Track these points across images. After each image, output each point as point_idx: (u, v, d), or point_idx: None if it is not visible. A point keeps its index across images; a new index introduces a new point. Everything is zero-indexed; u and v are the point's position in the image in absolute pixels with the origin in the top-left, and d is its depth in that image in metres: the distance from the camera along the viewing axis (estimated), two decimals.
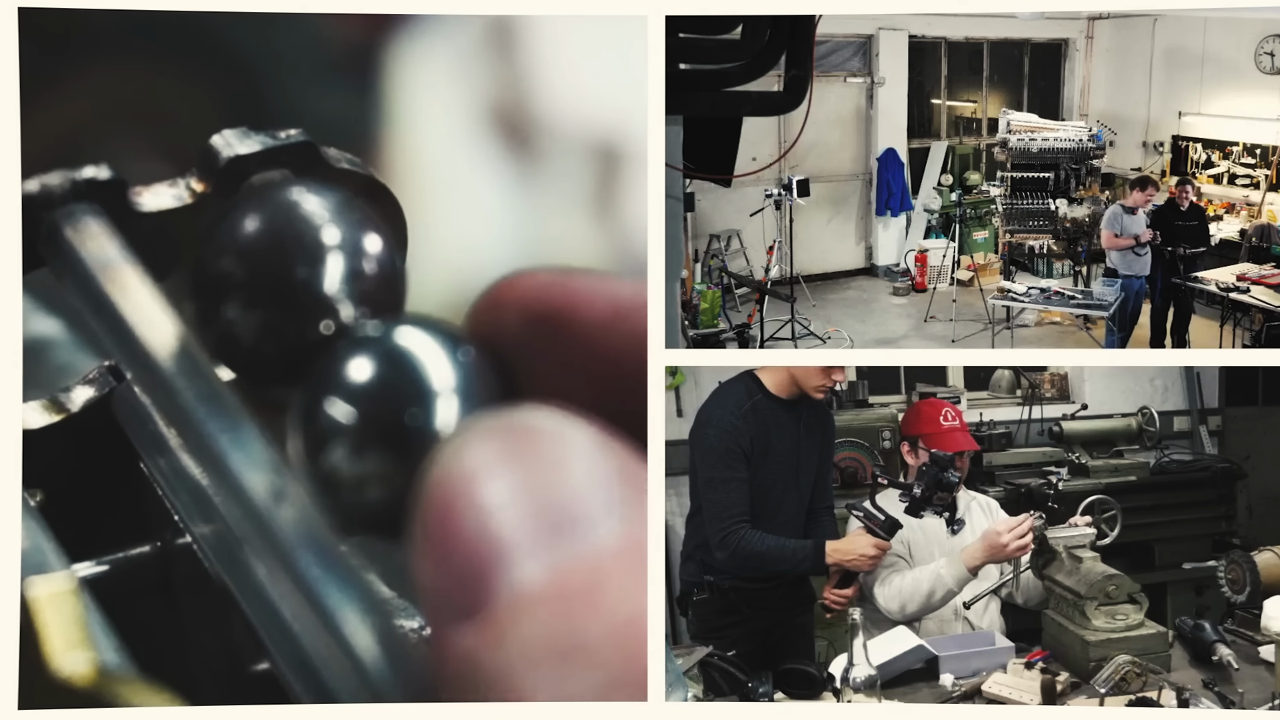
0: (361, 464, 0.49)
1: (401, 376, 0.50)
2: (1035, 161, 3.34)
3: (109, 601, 0.55)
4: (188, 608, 0.58)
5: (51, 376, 0.63)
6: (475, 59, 1.63)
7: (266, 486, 0.48)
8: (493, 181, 1.66)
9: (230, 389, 0.52)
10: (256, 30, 1.42)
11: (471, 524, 0.43)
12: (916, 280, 3.39)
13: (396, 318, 0.53)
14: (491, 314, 0.53)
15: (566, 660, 0.40)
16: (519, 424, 0.45)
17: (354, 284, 0.53)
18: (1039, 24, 3.61)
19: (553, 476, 0.43)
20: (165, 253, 0.57)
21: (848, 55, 3.59)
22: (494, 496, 0.43)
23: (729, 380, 1.74)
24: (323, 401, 0.50)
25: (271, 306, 0.53)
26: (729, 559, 1.67)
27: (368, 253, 0.54)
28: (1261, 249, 2.96)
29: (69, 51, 1.33)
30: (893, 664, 1.57)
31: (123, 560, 0.59)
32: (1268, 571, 1.67)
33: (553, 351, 0.51)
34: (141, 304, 0.53)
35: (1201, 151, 3.39)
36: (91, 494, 0.60)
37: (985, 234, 3.46)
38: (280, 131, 0.60)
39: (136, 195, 0.58)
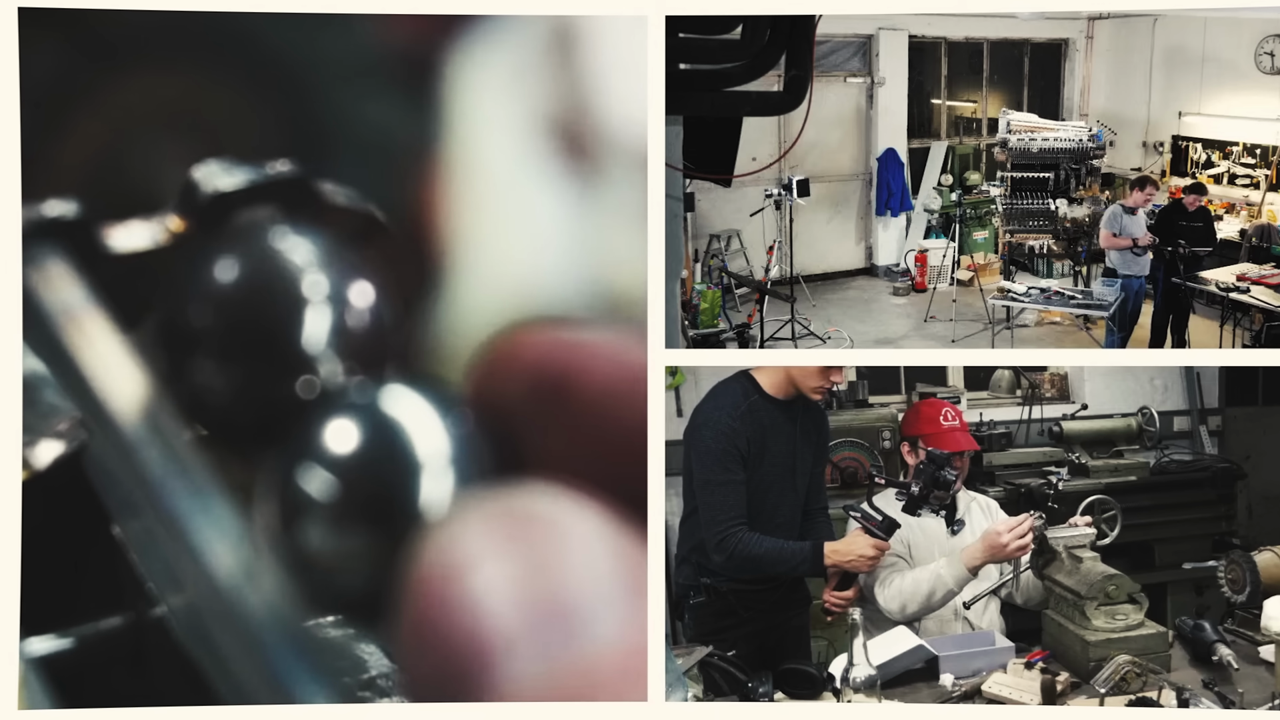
0: (338, 542, 0.45)
1: (386, 446, 0.45)
2: (1035, 161, 3.34)
3: (77, 675, 0.51)
4: (161, 683, 0.53)
5: (41, 420, 0.57)
6: (534, 69, 1.63)
7: (233, 562, 0.43)
8: (551, 194, 1.65)
9: (199, 452, 0.47)
10: (308, 38, 1.42)
11: (463, 619, 0.40)
12: (916, 280, 3.39)
13: (384, 377, 0.48)
14: (490, 380, 0.49)
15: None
16: (516, 509, 0.42)
17: (339, 339, 0.49)
18: (1039, 24, 3.61)
19: (549, 569, 0.40)
20: (139, 297, 0.52)
21: (848, 55, 3.58)
22: (488, 590, 0.40)
23: (724, 381, 1.73)
24: (297, 471, 0.45)
25: (246, 362, 0.49)
26: (726, 562, 1.66)
27: (355, 304, 0.50)
28: (1261, 249, 2.96)
29: (119, 58, 1.32)
30: (893, 664, 1.57)
31: (92, 632, 0.54)
32: (1268, 571, 1.67)
33: (556, 418, 0.48)
34: (106, 356, 0.49)
35: (1201, 151, 3.39)
36: (60, 558, 0.54)
37: (985, 234, 3.46)
38: (269, 164, 0.54)
39: (107, 235, 0.53)
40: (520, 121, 1.64)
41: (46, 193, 0.53)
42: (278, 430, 0.47)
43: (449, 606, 0.40)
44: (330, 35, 1.42)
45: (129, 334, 0.50)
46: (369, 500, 0.45)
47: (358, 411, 0.46)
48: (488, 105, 1.62)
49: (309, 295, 0.49)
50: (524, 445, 0.48)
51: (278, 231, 0.51)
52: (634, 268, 1.67)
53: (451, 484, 0.45)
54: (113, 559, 0.52)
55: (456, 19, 1.54)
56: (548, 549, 0.41)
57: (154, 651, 0.52)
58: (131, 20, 1.23)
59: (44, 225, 0.51)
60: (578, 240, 1.63)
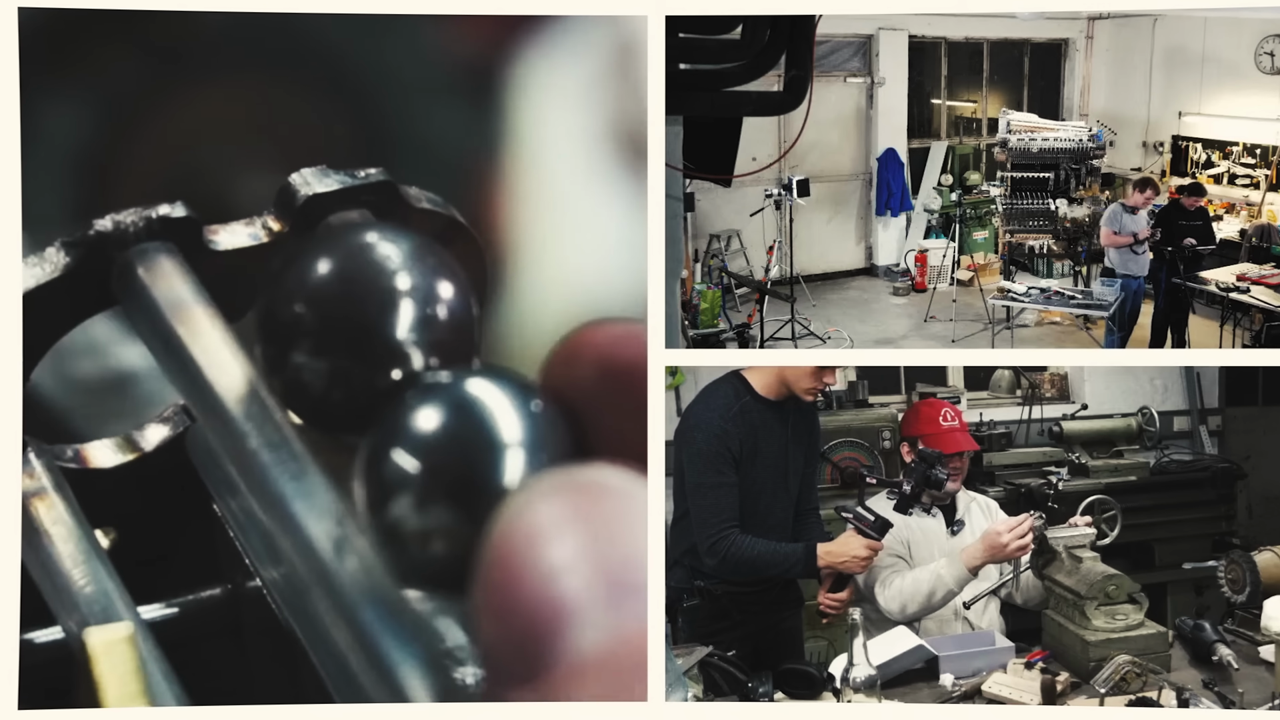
0: (426, 517, 0.48)
1: (470, 428, 0.49)
2: (1035, 161, 3.34)
3: (178, 644, 0.54)
4: (256, 652, 0.57)
5: (137, 408, 0.61)
6: (600, 80, 1.63)
7: (329, 536, 0.47)
8: (614, 204, 1.65)
9: (299, 435, 0.51)
10: (374, 46, 1.42)
11: (534, 586, 0.42)
12: (916, 280, 3.39)
13: (467, 367, 0.52)
14: (566, 366, 0.51)
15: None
16: (586, 482, 0.44)
17: (425, 332, 0.52)
18: (1039, 24, 3.61)
19: (619, 538, 0.42)
20: (240, 293, 0.56)
21: (848, 55, 3.59)
22: (558, 558, 0.42)
23: (715, 382, 1.71)
24: (388, 452, 0.49)
25: (341, 354, 0.52)
26: (719, 565, 1.64)
27: (441, 299, 0.53)
28: (1261, 249, 2.97)
29: (185, 65, 1.33)
30: (893, 664, 1.57)
31: (193, 602, 0.58)
32: (1268, 571, 1.67)
33: (626, 405, 0.50)
34: (211, 346, 0.53)
35: (1201, 151, 3.39)
36: (164, 534, 0.59)
37: (985, 234, 3.46)
38: (360, 170, 0.58)
39: (212, 234, 0.57)
40: (584, 128, 1.64)
41: (124, 199, 0.57)
42: (369, 417, 0.50)
43: (519, 574, 0.42)
44: (396, 43, 1.42)
45: (232, 327, 0.54)
46: (453, 480, 0.48)
47: (443, 398, 0.49)
48: (552, 112, 1.63)
49: (398, 291, 0.52)
50: (593, 430, 0.50)
51: (369, 231, 0.54)
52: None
53: (528, 465, 0.48)
54: (213, 534, 0.56)
55: (521, 26, 1.54)
56: (617, 516, 0.42)
57: (251, 621, 0.56)
58: (203, 30, 1.25)
59: (155, 225, 0.56)
60: (640, 247, 1.63)
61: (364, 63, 1.41)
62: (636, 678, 0.40)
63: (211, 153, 1.35)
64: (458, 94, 1.52)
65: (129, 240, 0.55)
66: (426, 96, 1.47)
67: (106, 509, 0.57)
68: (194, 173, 0.77)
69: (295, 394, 0.52)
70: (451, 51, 1.52)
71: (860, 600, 1.76)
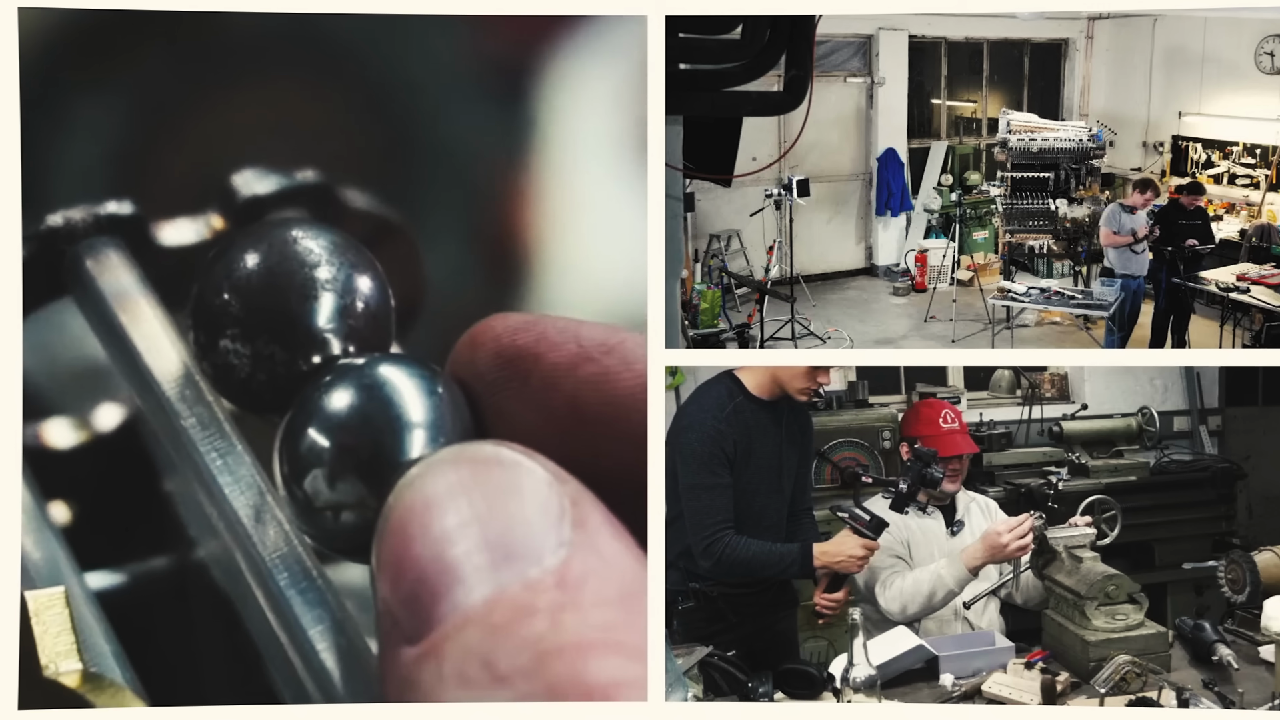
0: (337, 490, 0.52)
1: (377, 409, 0.52)
2: (1035, 161, 3.34)
3: (128, 608, 0.58)
4: (200, 617, 0.61)
5: (103, 390, 0.67)
6: (630, 81, 1.63)
7: (251, 507, 0.52)
8: (642, 206, 1.65)
9: (229, 415, 0.56)
10: (399, 44, 1.42)
11: (423, 551, 0.45)
12: (916, 280, 3.39)
13: (379, 355, 0.56)
14: (468, 353, 0.55)
15: (492, 685, 0.42)
16: (477, 455, 0.48)
17: (343, 320, 0.56)
18: (1039, 24, 3.61)
19: (505, 508, 0.45)
20: (185, 285, 0.59)
21: (848, 55, 3.58)
22: (447, 525, 0.45)
23: (707, 382, 1.69)
24: (304, 430, 0.52)
25: (263, 339, 0.55)
26: (714, 567, 1.63)
27: (359, 291, 0.57)
28: (1261, 249, 2.96)
29: (213, 63, 1.33)
30: (893, 664, 1.57)
31: (141, 571, 0.62)
32: (1268, 571, 1.67)
33: (522, 390, 0.53)
34: (151, 333, 0.57)
35: (1201, 151, 3.39)
36: (120, 509, 0.63)
37: (985, 234, 3.46)
38: (297, 172, 0.63)
39: (157, 230, 0.61)
40: (614, 129, 1.64)
41: (161, 196, 0.64)
42: (289, 398, 0.55)
43: (410, 539, 0.46)
44: (425, 44, 1.42)
45: (176, 316, 0.59)
46: (362, 456, 0.52)
47: (354, 381, 0.53)
48: (583, 114, 1.62)
49: (317, 282, 0.56)
50: (494, 412, 0.54)
51: (292, 227, 0.58)
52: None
53: (430, 443, 0.52)
54: (164, 510, 0.61)
55: (554, 27, 1.54)
56: (504, 487, 0.46)
57: (195, 588, 0.61)
58: (236, 30, 1.26)
59: (103, 221, 0.60)
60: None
61: (393, 64, 1.42)
62: (507, 637, 0.43)
63: (245, 153, 1.37)
64: (487, 94, 1.52)
65: (78, 235, 0.60)
66: (455, 97, 1.47)
67: (63, 485, 0.62)
68: (228, 171, 0.79)
69: (223, 377, 0.56)
70: (482, 52, 1.52)
71: (860, 600, 1.76)
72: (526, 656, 0.43)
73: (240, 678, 0.58)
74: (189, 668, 0.61)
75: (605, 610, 0.44)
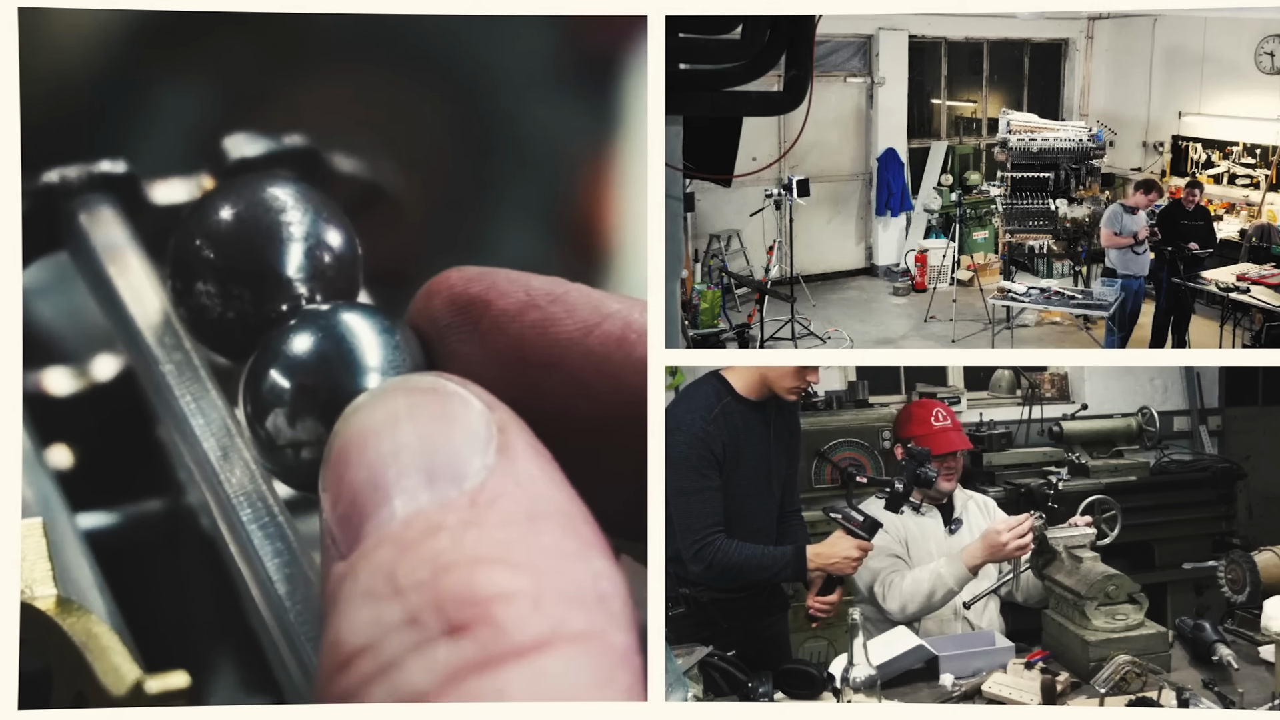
0: (298, 429, 0.55)
1: (337, 352, 0.55)
2: (1035, 161, 3.34)
3: (121, 548, 0.63)
4: (189, 558, 0.64)
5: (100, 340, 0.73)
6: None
7: (220, 447, 0.56)
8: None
9: (205, 361, 0.59)
10: (489, 39, 1.42)
11: (357, 475, 0.48)
12: (916, 280, 3.39)
13: (341, 302, 0.59)
14: (424, 302, 0.58)
15: (392, 598, 0.44)
16: (416, 385, 0.51)
17: (310, 269, 0.59)
18: (1039, 24, 3.61)
19: (437, 434, 0.48)
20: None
21: (848, 55, 3.58)
22: (381, 451, 0.48)
23: (694, 382, 1.67)
24: (266, 371, 0.55)
25: (233, 282, 0.58)
26: (705, 572, 1.60)
27: (326, 239, 0.60)
28: (1261, 249, 2.96)
29: (300, 59, 1.34)
30: (893, 664, 1.57)
31: (135, 512, 0.66)
32: (1268, 571, 1.67)
33: (472, 334, 0.56)
34: (138, 284, 0.60)
35: (1201, 151, 3.39)
36: (116, 455, 0.66)
37: (985, 234, 3.46)
38: (285, 137, 0.66)
39: (150, 189, 0.65)
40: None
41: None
42: (257, 341, 0.57)
43: (348, 463, 0.48)
44: (513, 36, 1.43)
45: (162, 269, 0.61)
46: (320, 397, 0.55)
47: (316, 327, 0.56)
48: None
49: (286, 226, 0.59)
50: (446, 356, 0.57)
51: (267, 180, 0.61)
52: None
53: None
54: (155, 455, 0.64)
55: (641, 25, 1.55)
56: (439, 417, 0.49)
57: (183, 532, 0.64)
58: (318, 25, 1.28)
59: (97, 179, 0.64)
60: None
61: (478, 58, 1.42)
62: (408, 553, 0.45)
63: (325, 142, 1.39)
64: (572, 88, 1.53)
65: (73, 191, 0.63)
66: (540, 90, 1.48)
67: (65, 431, 0.66)
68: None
69: (198, 320, 0.60)
70: (570, 47, 1.52)
71: (859, 600, 1.76)
72: (426, 570, 0.44)
73: (221, 614, 0.60)
74: (176, 605, 0.64)
75: (509, 529, 0.46)
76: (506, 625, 0.44)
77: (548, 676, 0.43)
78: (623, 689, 0.44)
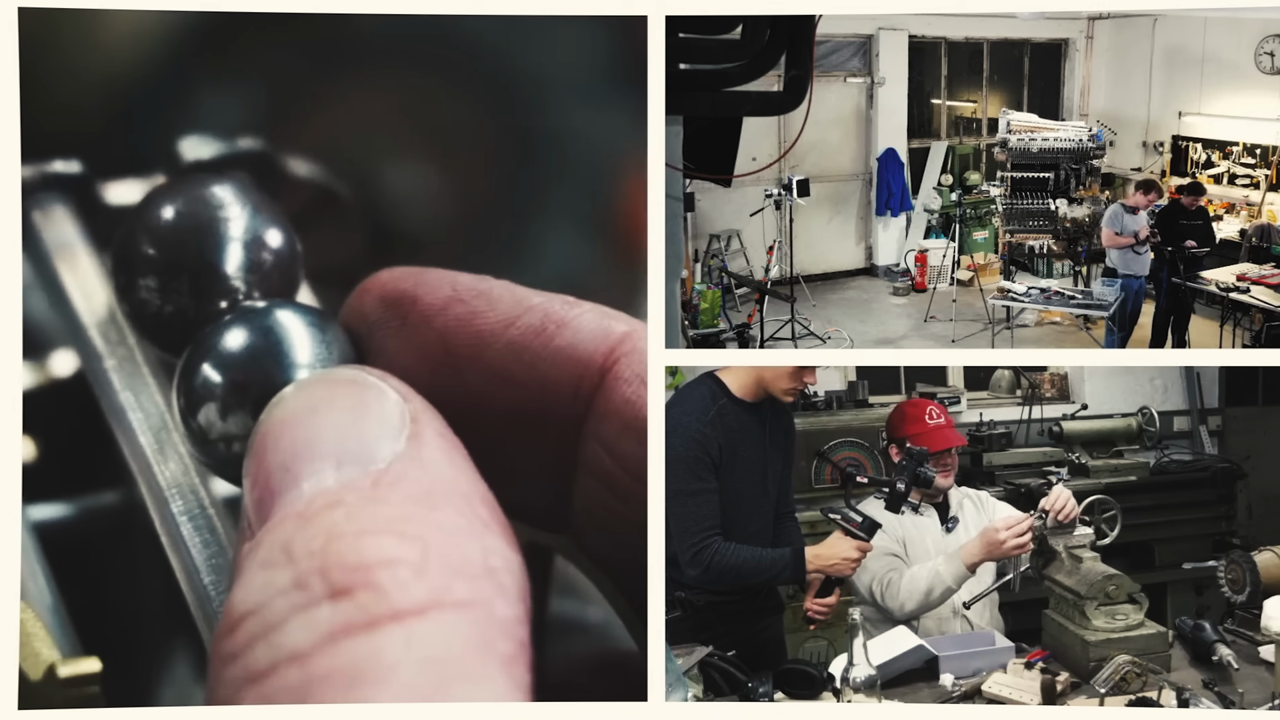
0: (229, 422, 0.56)
1: (268, 349, 0.57)
2: (1035, 161, 3.34)
3: (74, 540, 0.64)
4: (141, 559, 0.64)
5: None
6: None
7: (155, 441, 0.57)
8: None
9: (148, 357, 0.60)
10: (532, 42, 1.43)
11: (273, 460, 0.50)
12: (916, 280, 3.39)
13: (276, 300, 0.60)
14: (357, 300, 0.60)
15: (284, 566, 0.46)
16: (336, 378, 0.53)
17: (248, 263, 0.61)
18: (1039, 24, 3.61)
19: (352, 423, 0.50)
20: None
21: (848, 55, 3.58)
22: (297, 438, 0.50)
23: (689, 383, 1.66)
24: (198, 367, 0.57)
25: (171, 275, 0.60)
26: (703, 575, 1.58)
27: (265, 238, 0.61)
28: (1261, 249, 2.96)
29: (341, 61, 1.35)
30: (893, 664, 1.57)
31: (89, 505, 0.68)
32: (1268, 571, 1.67)
33: (400, 329, 0.58)
34: (86, 281, 0.62)
35: (1201, 151, 3.39)
36: (76, 449, 0.68)
37: (985, 234, 3.46)
38: (240, 140, 0.67)
39: (104, 189, 0.66)
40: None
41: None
42: (194, 336, 0.59)
43: (266, 451, 0.51)
44: (555, 39, 1.43)
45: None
46: (253, 393, 0.56)
47: (249, 324, 0.57)
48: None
49: (224, 223, 0.60)
50: (375, 351, 0.59)
51: (210, 180, 0.62)
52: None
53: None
54: (109, 449, 0.65)
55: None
56: (354, 405, 0.51)
57: (136, 529, 0.64)
58: (361, 27, 1.29)
59: (50, 178, 0.65)
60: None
61: (522, 59, 1.42)
62: (315, 528, 0.47)
63: (367, 144, 1.40)
64: (615, 89, 1.53)
65: (26, 190, 0.64)
66: (583, 91, 1.48)
67: (30, 423, 0.68)
68: (350, 161, 0.85)
69: (140, 314, 0.61)
70: (613, 48, 1.52)
71: (858, 601, 1.76)
72: (320, 540, 0.46)
73: (170, 606, 0.61)
74: (128, 597, 0.66)
75: (406, 507, 0.48)
76: (389, 590, 0.45)
77: (425, 640, 0.44)
78: (502, 657, 0.45)
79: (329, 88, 1.31)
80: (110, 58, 1.15)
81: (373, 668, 0.42)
